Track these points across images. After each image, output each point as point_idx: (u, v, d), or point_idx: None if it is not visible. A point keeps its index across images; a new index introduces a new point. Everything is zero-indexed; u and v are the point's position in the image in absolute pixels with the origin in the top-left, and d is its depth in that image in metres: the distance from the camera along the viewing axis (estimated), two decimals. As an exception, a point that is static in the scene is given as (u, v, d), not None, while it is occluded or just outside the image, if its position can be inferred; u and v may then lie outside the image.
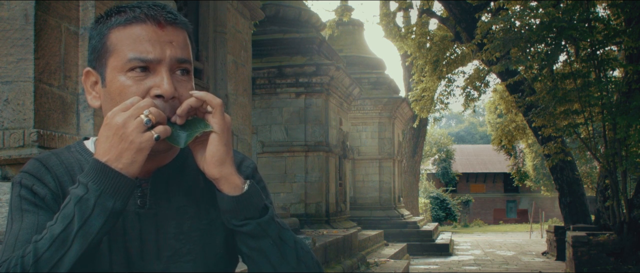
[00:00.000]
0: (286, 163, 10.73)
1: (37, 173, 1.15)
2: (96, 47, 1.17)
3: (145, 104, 1.06)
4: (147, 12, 1.13)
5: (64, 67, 3.28)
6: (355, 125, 16.49)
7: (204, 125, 1.11)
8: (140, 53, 1.12)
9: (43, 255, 1.00)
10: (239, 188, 1.13)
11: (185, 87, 1.15)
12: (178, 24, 1.17)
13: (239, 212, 1.13)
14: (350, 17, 17.88)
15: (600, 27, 10.75)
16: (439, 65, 16.27)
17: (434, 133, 37.14)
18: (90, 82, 1.21)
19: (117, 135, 1.04)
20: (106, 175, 1.03)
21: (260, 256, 1.15)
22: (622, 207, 10.96)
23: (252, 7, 6.77)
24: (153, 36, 1.13)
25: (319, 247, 7.32)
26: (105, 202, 1.03)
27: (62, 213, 1.03)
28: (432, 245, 16.64)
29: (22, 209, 1.12)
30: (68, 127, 3.30)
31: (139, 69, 1.12)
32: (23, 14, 3.06)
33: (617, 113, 10.02)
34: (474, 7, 13.95)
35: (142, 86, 1.12)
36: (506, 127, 18.38)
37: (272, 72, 10.66)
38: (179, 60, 1.15)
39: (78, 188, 1.04)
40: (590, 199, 16.40)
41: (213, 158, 1.10)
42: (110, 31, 1.15)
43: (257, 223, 1.14)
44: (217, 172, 1.11)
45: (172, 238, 1.18)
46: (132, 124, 1.04)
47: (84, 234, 1.01)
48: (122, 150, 1.04)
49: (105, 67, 1.15)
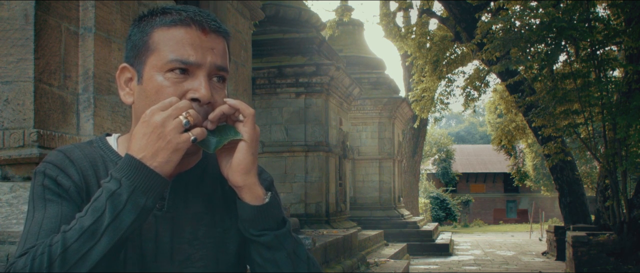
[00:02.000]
0: (286, 164, 10.73)
1: (61, 165, 1.16)
2: (136, 44, 1.18)
3: (184, 105, 1.07)
4: (193, 17, 1.15)
5: (64, 67, 3.28)
6: (355, 125, 16.48)
7: (234, 132, 1.12)
8: (182, 55, 1.12)
9: (71, 245, 1.00)
10: (260, 198, 1.14)
11: (220, 94, 1.16)
12: (221, 32, 1.18)
13: (258, 222, 1.15)
14: (350, 17, 17.88)
15: (600, 27, 10.75)
16: (439, 65, 16.27)
17: (434, 133, 37.14)
18: (125, 78, 1.21)
19: (155, 134, 1.04)
20: (140, 172, 1.03)
21: (273, 267, 1.17)
22: (622, 207, 10.96)
23: (252, 7, 6.77)
24: (196, 41, 1.14)
25: (319, 247, 7.32)
26: (138, 199, 1.03)
27: (93, 206, 1.03)
28: (432, 245, 16.64)
29: (45, 198, 1.13)
30: (68, 127, 3.30)
31: (179, 71, 1.13)
32: (23, 14, 3.06)
33: (617, 113, 10.02)
34: (474, 7, 13.95)
35: (179, 88, 1.12)
36: (506, 127, 18.38)
37: (272, 72, 10.66)
38: (218, 67, 1.16)
39: (111, 183, 1.04)
40: (590, 199, 16.40)
41: (239, 166, 1.11)
42: (153, 30, 1.16)
43: (275, 235, 1.16)
44: (242, 181, 1.12)
45: (186, 243, 1.19)
46: (171, 124, 1.05)
47: (114, 229, 1.01)
48: (159, 149, 1.04)
49: (143, 65, 1.16)
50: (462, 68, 17.53)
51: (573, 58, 11.39)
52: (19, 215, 2.77)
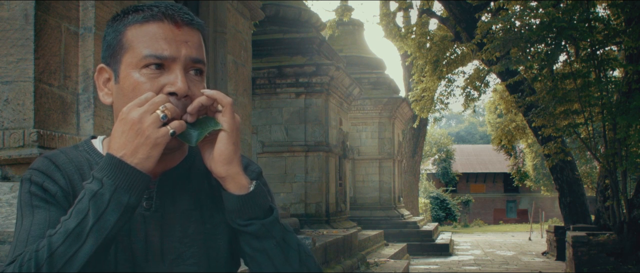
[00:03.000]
0: (286, 163, 10.73)
1: (47, 171, 1.15)
2: (111, 44, 1.18)
3: (160, 100, 1.07)
4: (165, 11, 1.14)
5: (64, 67, 3.28)
6: (355, 125, 16.48)
7: (214, 123, 1.11)
8: (156, 50, 1.12)
9: (57, 249, 0.99)
10: (245, 187, 1.13)
11: (198, 87, 1.16)
12: (194, 24, 1.18)
13: (244, 211, 1.13)
14: (350, 17, 17.88)
15: (600, 27, 10.75)
16: (439, 65, 16.27)
17: (434, 133, 37.14)
18: (103, 78, 1.21)
19: (133, 130, 1.04)
20: (121, 170, 1.03)
21: (263, 257, 1.16)
22: (622, 207, 10.96)
23: (252, 7, 6.77)
24: (169, 35, 1.13)
25: (319, 247, 7.32)
26: (121, 197, 1.03)
27: (77, 208, 1.02)
28: (432, 245, 16.64)
29: (32, 205, 1.12)
30: (68, 127, 3.30)
31: (154, 66, 1.13)
32: (23, 14, 3.06)
33: (617, 113, 10.02)
34: (474, 7, 13.95)
35: (156, 83, 1.12)
36: (506, 127, 18.39)
37: (272, 72, 10.66)
38: (194, 59, 1.15)
39: (92, 183, 1.03)
40: (590, 199, 16.40)
41: (221, 156, 1.11)
42: (126, 28, 1.15)
43: (262, 223, 1.14)
44: (224, 171, 1.11)
45: (177, 241, 1.19)
46: (149, 119, 1.04)
47: (98, 229, 1.01)
48: (138, 145, 1.04)
49: (119, 64, 1.16)
50: (462, 68, 17.54)
51: (573, 58, 11.39)
52: (19, 215, 2.76)
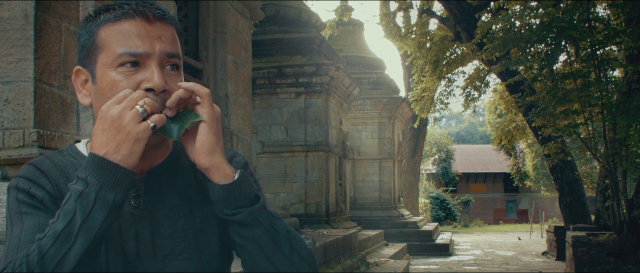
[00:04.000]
0: (286, 163, 10.73)
1: (32, 177, 1.15)
2: (85, 45, 1.18)
3: (138, 95, 1.07)
4: (136, 8, 1.15)
5: (64, 67, 3.28)
6: (355, 125, 16.48)
7: (194, 115, 1.12)
8: (130, 48, 1.12)
9: (47, 252, 1.00)
10: (229, 176, 1.13)
11: (175, 82, 1.16)
12: (166, 19, 1.18)
13: (230, 200, 1.13)
14: (350, 17, 17.88)
15: (600, 27, 10.75)
16: (439, 65, 16.26)
17: (434, 133, 37.13)
18: (80, 80, 1.22)
19: (114, 127, 1.04)
20: (105, 168, 1.03)
21: (252, 245, 1.15)
22: (622, 207, 10.96)
23: (252, 7, 6.77)
24: (142, 31, 1.14)
25: (319, 247, 7.32)
26: (106, 195, 1.03)
27: (64, 209, 1.03)
28: (432, 245, 16.64)
29: (21, 212, 1.12)
30: (68, 127, 3.30)
31: (129, 63, 1.13)
32: (23, 14, 3.06)
33: (617, 113, 10.02)
34: (474, 7, 13.95)
35: (132, 80, 1.12)
36: (506, 127, 18.38)
37: (272, 72, 10.66)
38: (169, 54, 1.16)
39: (77, 184, 1.04)
40: (590, 199, 16.40)
41: (203, 147, 1.11)
42: (99, 28, 1.16)
43: (249, 212, 1.14)
44: (207, 161, 1.11)
45: (167, 238, 1.19)
46: (128, 115, 1.04)
47: (87, 229, 1.01)
48: (120, 142, 1.04)
49: (95, 64, 1.16)
50: (462, 68, 17.53)
51: (573, 58, 11.38)
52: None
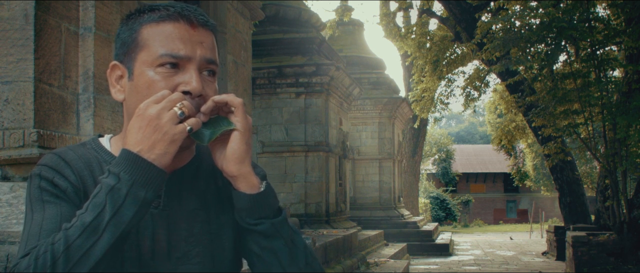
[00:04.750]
0: (286, 163, 10.73)
1: (56, 167, 1.16)
2: (126, 42, 1.19)
3: (177, 97, 1.08)
4: (181, 12, 1.16)
5: (64, 67, 3.28)
6: (355, 125, 16.48)
7: (227, 123, 1.13)
8: (172, 50, 1.14)
9: (74, 242, 0.99)
10: (256, 187, 1.15)
11: (211, 88, 1.18)
12: (209, 26, 1.20)
13: (254, 210, 1.15)
14: (350, 17, 17.88)
15: (600, 27, 10.75)
16: (439, 65, 16.27)
17: (434, 133, 37.14)
18: (116, 75, 1.22)
19: (151, 126, 1.05)
20: (138, 166, 1.04)
21: (271, 256, 1.17)
22: (622, 207, 10.96)
23: (252, 7, 6.77)
24: (185, 35, 1.15)
25: (319, 247, 7.32)
26: (137, 192, 1.03)
27: (93, 202, 1.03)
28: (432, 245, 16.64)
29: (43, 200, 1.12)
30: (68, 127, 3.30)
31: (169, 65, 1.14)
32: (23, 14, 3.06)
33: (617, 113, 10.02)
34: (474, 7, 13.95)
35: (170, 82, 1.14)
36: (506, 127, 18.39)
37: (272, 72, 10.66)
38: (208, 60, 1.18)
39: (109, 178, 1.04)
40: (590, 199, 16.40)
41: (233, 155, 1.12)
42: (142, 27, 1.17)
43: (271, 223, 1.16)
44: (236, 170, 1.13)
45: (183, 240, 1.20)
46: (166, 116, 1.05)
47: (115, 223, 1.01)
48: (156, 141, 1.05)
49: (133, 61, 1.17)
50: (462, 68, 17.55)
51: (573, 58, 11.39)
52: (19, 215, 2.77)
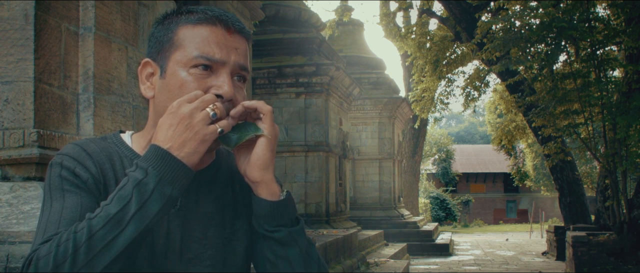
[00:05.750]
0: (286, 164, 10.73)
1: (78, 157, 1.16)
2: (161, 40, 1.20)
3: (210, 98, 1.10)
4: (219, 17, 1.18)
5: (64, 67, 3.28)
6: (355, 125, 16.48)
7: (255, 128, 1.15)
8: (207, 53, 1.15)
9: (97, 232, 0.99)
10: (276, 194, 1.17)
11: (241, 94, 1.20)
12: (244, 33, 1.21)
13: (273, 217, 1.16)
14: (350, 17, 17.88)
15: (600, 27, 10.75)
16: (439, 65, 16.27)
17: (434, 133, 37.14)
18: (147, 72, 1.23)
19: (183, 124, 1.06)
20: (167, 162, 1.04)
21: (285, 264, 1.18)
22: (622, 207, 10.96)
23: (252, 7, 6.77)
24: (221, 39, 1.17)
25: (319, 247, 7.32)
26: (164, 189, 1.04)
27: (119, 194, 1.03)
28: (432, 245, 16.64)
29: (63, 189, 1.13)
30: (68, 127, 3.30)
31: (202, 67, 1.15)
32: (23, 14, 3.06)
33: (617, 113, 10.02)
34: (474, 7, 13.95)
35: (203, 84, 1.15)
36: (506, 127, 18.39)
37: (272, 72, 10.66)
38: (241, 66, 1.19)
39: (137, 172, 1.04)
40: (590, 199, 16.40)
41: (258, 161, 1.14)
42: (178, 27, 1.18)
43: (289, 231, 1.17)
44: (259, 176, 1.15)
45: (196, 242, 1.20)
46: (199, 115, 1.06)
47: (140, 217, 1.02)
48: (186, 140, 1.06)
49: (167, 60, 1.18)
50: (462, 68, 17.55)
51: (573, 58, 11.39)
52: (19, 215, 2.77)
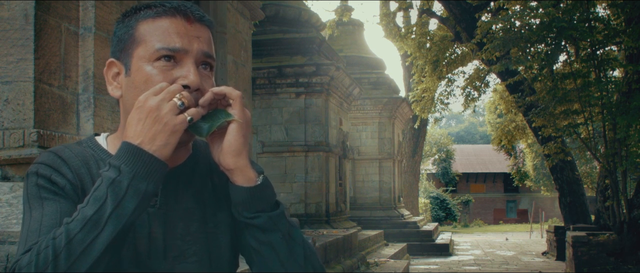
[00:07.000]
0: (286, 163, 10.73)
1: (53, 164, 1.15)
2: (122, 38, 1.19)
3: (176, 88, 1.08)
4: (177, 8, 1.17)
5: (64, 67, 3.28)
6: (355, 125, 16.48)
7: (225, 115, 1.13)
8: (169, 43, 1.14)
9: (75, 236, 0.98)
10: (252, 180, 1.14)
11: (208, 82, 1.18)
12: (205, 21, 1.20)
13: (251, 204, 1.14)
14: (350, 17, 17.88)
15: (600, 27, 10.75)
16: (439, 65, 16.26)
17: (434, 133, 37.13)
18: (112, 73, 1.22)
19: (151, 118, 1.04)
20: (139, 158, 1.03)
21: (269, 250, 1.16)
22: (622, 207, 10.95)
23: (252, 7, 6.77)
24: (182, 29, 1.16)
25: (319, 247, 7.32)
26: (139, 185, 1.02)
27: (94, 195, 1.02)
28: (432, 245, 16.64)
29: (41, 197, 1.12)
30: (68, 127, 3.30)
31: (165, 58, 1.14)
32: (23, 14, 3.06)
33: (617, 113, 10.02)
34: (474, 7, 13.95)
35: (168, 76, 1.14)
36: (506, 127, 18.39)
37: (272, 72, 10.66)
38: (205, 54, 1.18)
39: (110, 171, 1.03)
40: (590, 199, 16.40)
41: (230, 147, 1.11)
42: (138, 23, 1.17)
43: (269, 216, 1.15)
44: (233, 163, 1.12)
45: (179, 239, 1.19)
46: (166, 107, 1.05)
47: (117, 216, 1.01)
48: (156, 133, 1.04)
49: (130, 57, 1.17)
50: (462, 68, 17.54)
51: (573, 58, 11.39)
52: (19, 215, 2.76)
